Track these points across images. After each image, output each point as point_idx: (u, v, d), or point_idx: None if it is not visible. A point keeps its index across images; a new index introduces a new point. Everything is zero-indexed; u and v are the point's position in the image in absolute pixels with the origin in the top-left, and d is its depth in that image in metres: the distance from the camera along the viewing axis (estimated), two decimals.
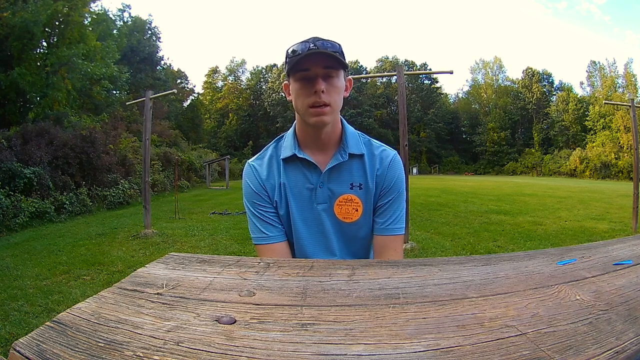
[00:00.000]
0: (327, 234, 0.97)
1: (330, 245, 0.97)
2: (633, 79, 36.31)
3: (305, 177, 0.96)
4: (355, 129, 1.03)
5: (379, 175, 0.97)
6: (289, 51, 0.90)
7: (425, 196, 12.36)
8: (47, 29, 12.03)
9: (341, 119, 0.99)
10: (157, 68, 28.77)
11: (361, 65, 46.62)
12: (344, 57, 0.91)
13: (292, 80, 0.92)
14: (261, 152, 1.03)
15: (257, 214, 0.97)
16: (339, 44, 0.91)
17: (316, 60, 0.86)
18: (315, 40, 0.88)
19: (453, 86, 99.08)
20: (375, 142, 1.02)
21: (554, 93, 45.68)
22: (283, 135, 1.03)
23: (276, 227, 0.97)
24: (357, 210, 0.95)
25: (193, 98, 37.28)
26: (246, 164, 1.03)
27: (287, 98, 0.97)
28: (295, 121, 1.00)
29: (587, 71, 41.87)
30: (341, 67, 0.90)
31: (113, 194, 10.11)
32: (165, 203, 10.60)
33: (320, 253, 0.97)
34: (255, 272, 0.63)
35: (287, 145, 0.98)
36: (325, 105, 0.88)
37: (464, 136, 49.94)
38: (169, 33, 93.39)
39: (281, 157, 0.98)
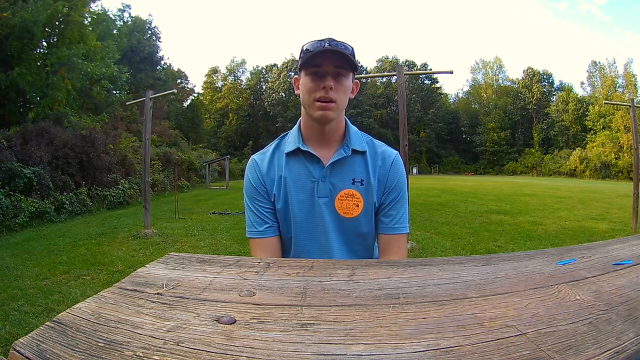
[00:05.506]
0: (327, 229, 0.97)
1: (329, 242, 0.97)
2: (633, 79, 36.33)
3: (307, 171, 0.98)
4: (357, 128, 1.06)
5: (381, 173, 0.99)
6: (304, 47, 0.94)
7: (425, 196, 12.36)
8: (47, 29, 12.00)
9: (345, 119, 1.03)
10: (157, 68, 28.73)
11: (361, 65, 46.59)
12: (355, 59, 0.94)
13: (303, 75, 0.95)
14: (265, 147, 1.06)
15: (253, 208, 1.00)
16: (352, 47, 0.94)
17: (329, 59, 0.90)
18: (330, 40, 0.92)
19: (453, 86, 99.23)
20: (376, 141, 1.05)
21: (554, 93, 45.67)
22: (287, 133, 1.06)
23: (268, 223, 0.99)
24: (357, 206, 0.96)
25: (193, 98, 37.23)
26: (250, 158, 1.06)
27: (296, 92, 1.01)
28: (299, 119, 1.03)
29: (587, 71, 41.97)
30: (351, 69, 0.95)
31: (113, 194, 10.10)
32: (165, 203, 10.59)
33: (316, 251, 0.97)
34: (255, 272, 0.63)
35: (291, 140, 1.01)
36: (331, 101, 0.92)
37: (464, 136, 49.91)
38: (169, 33, 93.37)
39: (285, 151, 1.00)
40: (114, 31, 18.71)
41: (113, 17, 21.24)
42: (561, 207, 9.62)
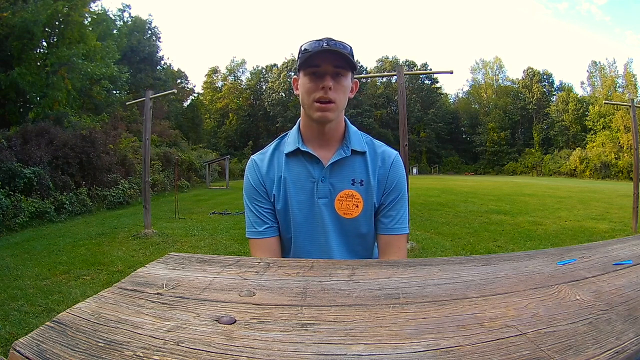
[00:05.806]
0: (326, 230, 0.97)
1: (328, 242, 0.97)
2: (633, 79, 36.34)
3: (307, 171, 0.97)
4: (357, 128, 1.06)
5: (381, 173, 0.99)
6: (302, 47, 0.94)
7: (425, 196, 12.36)
8: (47, 29, 12.00)
9: (345, 119, 1.02)
10: (157, 68, 28.73)
11: (361, 65, 46.55)
12: (354, 59, 0.94)
13: (301, 75, 0.95)
14: (265, 147, 1.06)
15: (252, 208, 1.00)
16: (350, 46, 0.94)
17: (327, 59, 0.90)
18: (328, 40, 0.91)
19: (453, 86, 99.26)
20: (376, 141, 1.05)
21: (554, 93, 45.69)
22: (287, 133, 1.05)
23: (267, 223, 0.99)
24: (357, 206, 0.96)
25: (193, 98, 37.25)
26: (250, 158, 1.06)
27: (295, 92, 1.00)
28: (299, 119, 1.03)
29: (587, 71, 41.99)
30: (350, 69, 0.94)
31: (113, 194, 10.10)
32: (165, 203, 10.59)
33: (315, 252, 0.97)
34: (255, 272, 0.63)
35: (290, 140, 1.01)
36: (330, 102, 0.91)
37: (464, 136, 49.93)
38: (169, 33, 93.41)
39: (285, 152, 1.00)
40: (114, 31, 18.72)
41: (113, 17, 21.27)
42: (561, 207, 9.62)
